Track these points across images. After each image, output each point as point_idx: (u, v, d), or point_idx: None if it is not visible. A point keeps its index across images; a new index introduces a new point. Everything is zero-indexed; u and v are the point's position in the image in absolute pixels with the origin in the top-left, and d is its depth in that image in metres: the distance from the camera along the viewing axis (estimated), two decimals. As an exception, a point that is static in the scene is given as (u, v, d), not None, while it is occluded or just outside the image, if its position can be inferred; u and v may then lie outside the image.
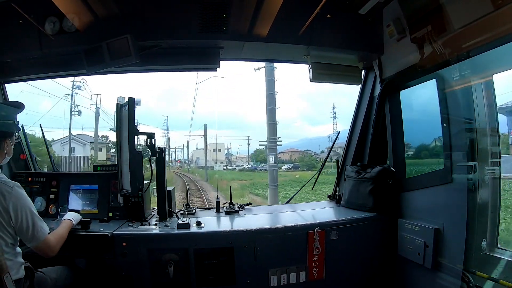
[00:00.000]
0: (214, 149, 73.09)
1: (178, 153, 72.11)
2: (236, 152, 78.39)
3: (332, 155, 12.29)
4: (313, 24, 3.75)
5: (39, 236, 2.67)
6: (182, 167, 63.49)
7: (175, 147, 67.84)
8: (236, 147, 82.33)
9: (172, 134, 75.08)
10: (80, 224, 3.37)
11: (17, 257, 2.66)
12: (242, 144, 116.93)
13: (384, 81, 4.16)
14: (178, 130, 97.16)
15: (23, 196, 2.64)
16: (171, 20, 3.68)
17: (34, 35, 3.65)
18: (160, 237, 3.48)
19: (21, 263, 2.68)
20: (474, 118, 3.09)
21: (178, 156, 71.86)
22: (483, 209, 3.03)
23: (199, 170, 53.07)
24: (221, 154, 76.05)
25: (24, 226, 2.59)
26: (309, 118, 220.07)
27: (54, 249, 2.81)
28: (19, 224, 2.57)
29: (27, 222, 2.60)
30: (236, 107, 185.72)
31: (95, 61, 3.58)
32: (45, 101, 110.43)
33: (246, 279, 3.48)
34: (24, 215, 2.58)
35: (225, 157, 74.96)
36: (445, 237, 3.31)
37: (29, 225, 2.61)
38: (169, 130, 68.46)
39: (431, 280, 3.46)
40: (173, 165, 65.47)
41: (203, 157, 65.98)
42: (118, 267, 3.36)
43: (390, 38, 3.79)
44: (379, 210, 3.94)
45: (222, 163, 66.25)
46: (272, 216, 4.21)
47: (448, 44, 3.14)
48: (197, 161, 69.36)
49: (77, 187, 3.99)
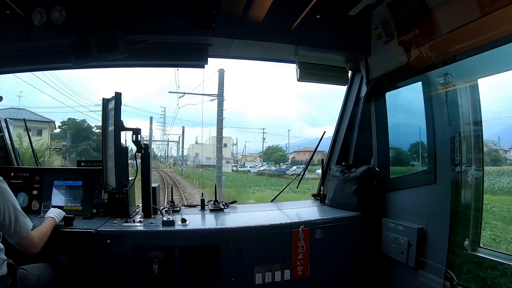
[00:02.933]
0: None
1: (172, 147, 60.72)
2: (242, 149, 67.02)
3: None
4: (302, 24, 3.78)
5: (21, 232, 2.63)
6: (174, 165, 51.89)
7: (167, 139, 56.80)
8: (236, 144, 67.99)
9: (172, 131, 65.72)
10: (64, 221, 3.31)
11: (0, 253, 2.61)
12: (250, 141, 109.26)
13: (371, 82, 4.21)
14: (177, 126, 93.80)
15: (6, 190, 2.59)
16: (160, 15, 3.66)
17: (21, 26, 3.59)
18: (145, 234, 3.44)
19: (4, 260, 2.62)
20: (459, 120, 3.16)
21: (174, 152, 59.83)
22: (466, 209, 3.10)
23: (198, 172, 42.00)
24: (228, 151, 64.56)
25: (6, 221, 2.54)
26: (309, 119, 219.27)
27: (36, 246, 2.77)
28: (1, 219, 2.52)
29: (10, 217, 2.55)
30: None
31: (83, 54, 3.54)
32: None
33: (231, 276, 3.48)
34: (7, 210, 2.54)
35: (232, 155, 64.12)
36: (429, 237, 3.37)
37: (12, 220, 2.56)
38: (167, 124, 59.28)
39: (414, 279, 3.51)
40: (167, 162, 56.80)
41: (204, 153, 57.27)
42: (102, 264, 3.31)
43: (377, 40, 3.85)
44: (363, 210, 3.99)
45: (229, 162, 56.23)
46: (257, 214, 4.21)
47: (435, 48, 3.19)
48: (196, 157, 58.97)
49: (61, 182, 3.92)
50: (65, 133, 34.63)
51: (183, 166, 48.18)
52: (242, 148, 66.12)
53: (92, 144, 32.85)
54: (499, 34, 2.60)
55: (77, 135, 34.36)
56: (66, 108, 52.37)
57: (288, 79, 19.78)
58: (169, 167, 51.58)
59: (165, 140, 60.04)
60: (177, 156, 56.62)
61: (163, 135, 57.21)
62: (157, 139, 59.23)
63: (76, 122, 35.26)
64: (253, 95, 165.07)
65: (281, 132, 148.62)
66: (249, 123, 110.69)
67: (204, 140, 67.41)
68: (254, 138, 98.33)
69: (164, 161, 60.10)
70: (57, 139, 32.69)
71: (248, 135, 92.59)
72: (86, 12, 3.56)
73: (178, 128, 62.78)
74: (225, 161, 54.54)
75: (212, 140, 61.26)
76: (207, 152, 58.12)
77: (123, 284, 3.35)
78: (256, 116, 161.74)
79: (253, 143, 68.71)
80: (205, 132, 79.40)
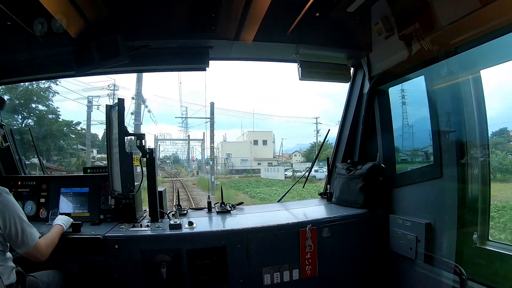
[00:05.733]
0: (255, 140, 54.77)
1: (195, 148, 50.86)
2: (279, 148, 58.56)
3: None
4: (302, 23, 3.77)
5: (28, 242, 2.65)
6: (198, 173, 43.48)
7: (188, 136, 46.35)
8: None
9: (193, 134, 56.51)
10: (71, 227, 3.34)
11: (8, 262, 2.63)
12: (287, 138, 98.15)
13: (373, 78, 4.19)
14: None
15: (11, 202, 2.61)
16: (160, 20, 3.67)
17: (22, 36, 3.60)
18: (152, 238, 3.45)
19: (12, 268, 2.65)
20: (463, 113, 3.13)
21: (196, 154, 51.41)
22: (474, 203, 3.06)
23: (233, 180, 35.83)
24: (268, 149, 55.85)
25: (13, 232, 2.57)
26: (333, 118, 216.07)
27: (44, 253, 2.79)
28: (8, 231, 2.55)
29: (16, 228, 2.57)
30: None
31: (84, 62, 3.56)
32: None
33: (239, 278, 3.48)
34: (13, 221, 2.56)
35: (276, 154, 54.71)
36: (437, 232, 3.35)
37: (18, 231, 2.58)
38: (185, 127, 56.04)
39: (423, 274, 3.48)
40: (189, 167, 48.36)
41: (238, 153, 48.59)
42: (111, 269, 3.33)
43: (378, 36, 3.82)
44: (370, 207, 3.97)
45: (270, 165, 47.47)
46: (264, 215, 4.20)
47: (435, 41, 3.17)
48: (228, 160, 49.24)
49: (68, 190, 3.95)
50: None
51: (210, 172, 39.36)
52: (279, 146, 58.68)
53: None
54: (500, 24, 2.58)
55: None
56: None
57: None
58: (192, 174, 44.28)
59: (178, 139, 51.73)
60: (201, 159, 47.66)
61: (185, 135, 49.48)
62: (178, 141, 54.11)
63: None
64: (275, 95, 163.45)
65: (303, 131, 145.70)
66: (272, 125, 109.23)
67: (235, 138, 60.97)
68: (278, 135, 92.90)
69: (186, 166, 52.74)
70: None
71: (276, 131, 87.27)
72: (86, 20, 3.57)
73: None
74: (267, 163, 48.73)
75: (247, 135, 55.17)
76: (242, 151, 50.12)
77: None
78: (278, 116, 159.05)
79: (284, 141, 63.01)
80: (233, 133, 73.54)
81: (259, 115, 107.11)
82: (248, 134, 54.09)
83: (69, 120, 33.35)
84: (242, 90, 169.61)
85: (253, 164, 49.50)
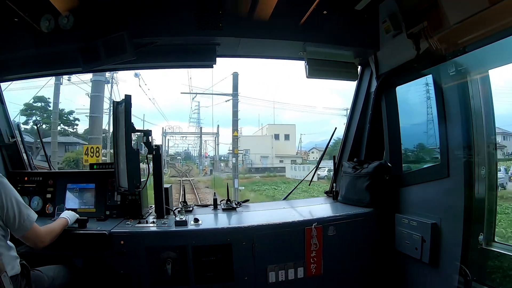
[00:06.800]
0: (276, 134, 49.44)
1: (208, 143, 47.63)
2: (297, 144, 54.05)
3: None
4: (309, 21, 3.76)
5: (26, 224, 2.65)
6: (212, 171, 37.88)
7: (200, 128, 43.25)
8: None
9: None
10: (77, 223, 3.36)
11: (11, 251, 2.65)
12: (306, 133, 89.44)
13: (380, 77, 4.16)
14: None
15: (7, 184, 2.62)
16: (166, 17, 3.67)
17: (29, 33, 3.64)
18: (158, 234, 3.46)
19: (15, 257, 2.67)
20: (470, 112, 3.10)
21: (208, 150, 47.68)
22: (480, 203, 3.04)
23: (254, 180, 31.67)
24: (291, 145, 50.93)
25: (10, 214, 2.57)
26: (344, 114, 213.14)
27: (43, 239, 2.79)
28: (6, 212, 2.55)
29: (13, 210, 2.58)
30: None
31: (91, 58, 3.58)
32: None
33: (244, 275, 3.48)
34: (10, 203, 2.57)
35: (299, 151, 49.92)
36: (442, 232, 3.32)
37: (15, 213, 2.59)
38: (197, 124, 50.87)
39: (428, 275, 3.47)
40: (201, 164, 43.65)
41: (257, 149, 43.01)
42: (116, 265, 3.34)
43: (386, 34, 3.80)
44: (376, 206, 3.96)
45: (294, 163, 42.94)
46: (270, 212, 4.20)
47: (444, 39, 3.15)
48: (246, 156, 42.30)
49: (74, 185, 3.97)
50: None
51: (223, 170, 33.13)
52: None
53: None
54: (509, 23, 2.56)
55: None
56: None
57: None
58: (204, 173, 39.47)
59: (188, 132, 48.74)
60: (215, 155, 43.69)
61: (197, 131, 46.75)
62: (190, 138, 51.80)
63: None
64: (287, 93, 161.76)
65: (320, 129, 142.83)
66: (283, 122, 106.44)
67: (252, 132, 55.62)
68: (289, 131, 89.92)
69: (198, 163, 48.18)
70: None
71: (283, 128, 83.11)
72: (93, 17, 3.59)
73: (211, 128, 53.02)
74: (291, 161, 44.25)
75: (268, 129, 49.67)
76: (261, 147, 44.87)
77: (137, 285, 3.37)
78: (291, 114, 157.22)
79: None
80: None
81: (279, 103, 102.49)
82: (269, 128, 50.21)
83: (59, 109, 31.54)
84: (259, 83, 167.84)
85: (274, 161, 45.70)
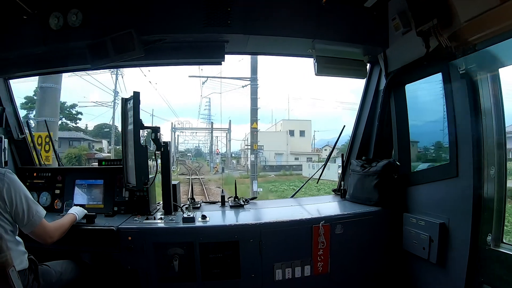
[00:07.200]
0: (291, 130, 47.28)
1: (219, 139, 45.19)
2: (311, 142, 51.33)
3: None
4: (318, 17, 3.75)
5: (35, 220, 2.67)
6: (223, 169, 35.92)
7: (211, 123, 41.24)
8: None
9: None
10: (85, 219, 3.39)
11: (19, 246, 2.68)
12: (320, 130, 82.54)
13: (390, 75, 4.12)
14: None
15: (16, 181, 2.65)
16: (175, 14, 3.67)
17: (38, 30, 3.66)
18: (166, 231, 3.49)
19: (24, 252, 2.71)
20: (480, 111, 3.07)
21: (220, 146, 44.87)
22: (489, 204, 3.01)
23: (270, 180, 29.31)
24: (306, 142, 48.46)
25: (19, 210, 2.59)
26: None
27: (51, 234, 2.82)
28: (15, 208, 2.57)
29: (22, 206, 2.60)
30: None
31: (100, 55, 3.58)
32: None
33: (251, 273, 3.49)
34: (19, 199, 2.59)
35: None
36: (451, 232, 3.30)
37: (24, 209, 2.61)
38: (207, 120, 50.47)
39: (436, 275, 3.46)
40: (212, 161, 41.54)
41: (271, 145, 40.33)
42: (123, 261, 3.37)
43: (395, 31, 3.76)
44: (384, 205, 3.94)
45: (311, 161, 40.26)
46: (277, 210, 4.20)
47: (454, 37, 3.11)
48: (260, 153, 35.90)
49: (82, 181, 4.01)
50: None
51: (234, 168, 29.22)
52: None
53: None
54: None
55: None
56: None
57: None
58: (215, 171, 36.96)
59: (198, 128, 46.90)
60: (226, 152, 42.05)
61: (208, 128, 44.55)
62: (201, 134, 50.37)
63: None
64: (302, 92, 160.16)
65: (330, 126, 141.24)
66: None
67: (265, 129, 52.57)
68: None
69: (209, 160, 46.27)
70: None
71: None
72: (102, 14, 3.61)
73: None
74: (306, 158, 42.21)
75: (282, 125, 47.23)
76: (275, 144, 42.72)
77: (144, 280, 3.40)
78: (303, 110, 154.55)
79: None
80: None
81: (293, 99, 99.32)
82: (283, 124, 47.89)
83: (61, 102, 30.50)
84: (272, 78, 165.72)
85: (289, 159, 44.07)
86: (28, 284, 2.65)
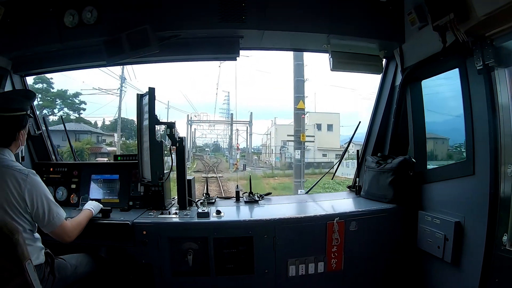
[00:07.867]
0: (318, 124, 43.76)
1: (239, 133, 42.06)
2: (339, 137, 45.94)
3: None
4: (333, 13, 3.72)
5: (55, 222, 2.71)
6: (244, 166, 33.31)
7: (231, 115, 39.11)
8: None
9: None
10: (101, 213, 3.43)
11: (36, 242, 2.72)
12: (344, 126, 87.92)
13: (406, 70, 4.07)
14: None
15: (38, 182, 2.68)
16: (189, 10, 3.68)
17: (54, 28, 3.71)
18: (180, 225, 3.51)
19: (41, 248, 2.75)
20: (497, 108, 3.01)
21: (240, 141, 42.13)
22: (505, 203, 2.94)
23: (309, 184, 13.56)
24: (335, 137, 43.85)
25: (40, 212, 2.63)
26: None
27: (70, 234, 2.85)
28: (35, 210, 2.61)
29: (43, 208, 2.64)
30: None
31: (115, 52, 3.62)
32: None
33: (264, 268, 3.50)
34: (40, 201, 2.62)
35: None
36: (466, 231, 3.24)
37: (45, 211, 2.65)
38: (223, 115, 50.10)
39: (450, 274, 3.41)
40: (231, 157, 37.31)
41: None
42: (138, 255, 3.41)
43: (411, 26, 3.70)
44: (399, 202, 3.89)
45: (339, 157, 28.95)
46: (292, 206, 4.21)
47: (471, 32, 3.05)
48: (285, 149, 36.99)
49: (98, 176, 4.06)
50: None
51: (252, 164, 26.04)
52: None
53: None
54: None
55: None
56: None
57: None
58: (235, 168, 32.58)
59: (216, 121, 45.52)
60: (247, 147, 39.33)
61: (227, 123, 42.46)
62: (219, 128, 49.15)
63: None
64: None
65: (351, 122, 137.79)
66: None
67: (289, 122, 49.27)
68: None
69: (228, 156, 42.87)
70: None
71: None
72: (116, 11, 3.63)
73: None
74: (335, 154, 38.56)
75: (309, 118, 39.17)
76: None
77: (158, 275, 3.43)
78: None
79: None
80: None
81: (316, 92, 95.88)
82: (309, 116, 41.22)
83: (62, 90, 27.94)
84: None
85: (317, 155, 40.38)
86: (44, 277, 2.69)
